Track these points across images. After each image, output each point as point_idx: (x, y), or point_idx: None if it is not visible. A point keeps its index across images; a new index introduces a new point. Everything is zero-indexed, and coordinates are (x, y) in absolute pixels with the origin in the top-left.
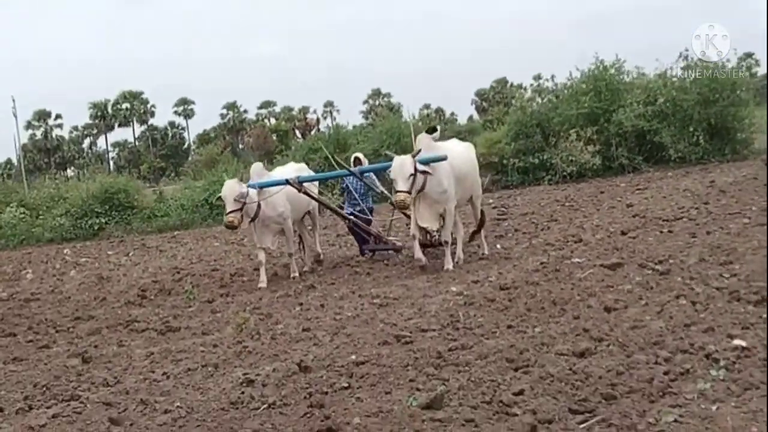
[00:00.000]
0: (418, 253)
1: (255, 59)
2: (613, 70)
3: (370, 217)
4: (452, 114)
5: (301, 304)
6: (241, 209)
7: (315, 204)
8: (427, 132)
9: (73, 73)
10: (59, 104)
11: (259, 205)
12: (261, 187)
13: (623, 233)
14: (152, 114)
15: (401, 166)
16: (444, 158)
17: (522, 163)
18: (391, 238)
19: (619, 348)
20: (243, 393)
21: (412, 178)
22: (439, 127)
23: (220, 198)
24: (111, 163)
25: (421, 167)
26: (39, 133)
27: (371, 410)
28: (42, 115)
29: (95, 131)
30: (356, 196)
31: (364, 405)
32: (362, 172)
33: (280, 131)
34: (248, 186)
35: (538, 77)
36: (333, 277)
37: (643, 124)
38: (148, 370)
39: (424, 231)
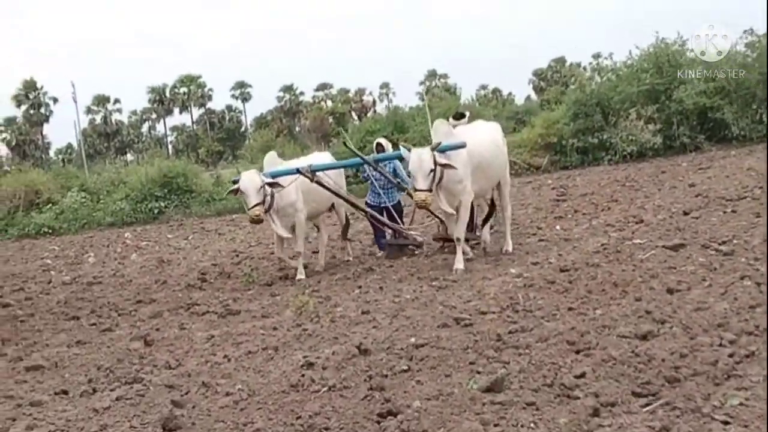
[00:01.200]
0: (461, 258)
1: (312, 41)
2: (675, 48)
3: (392, 208)
4: (510, 94)
5: (359, 286)
6: (263, 202)
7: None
8: (454, 117)
9: (131, 58)
10: (118, 89)
11: (272, 195)
12: (273, 176)
13: (685, 213)
14: (209, 98)
15: (420, 161)
16: (463, 145)
17: (581, 143)
18: (411, 232)
19: (683, 330)
20: (303, 376)
21: (432, 174)
22: (467, 114)
23: (234, 192)
24: (169, 147)
25: (442, 160)
26: (98, 118)
27: (431, 393)
28: (101, 100)
29: (154, 115)
30: (377, 186)
31: (424, 388)
32: (376, 160)
33: (336, 113)
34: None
35: (597, 56)
36: (391, 260)
37: (705, 101)
38: (209, 353)
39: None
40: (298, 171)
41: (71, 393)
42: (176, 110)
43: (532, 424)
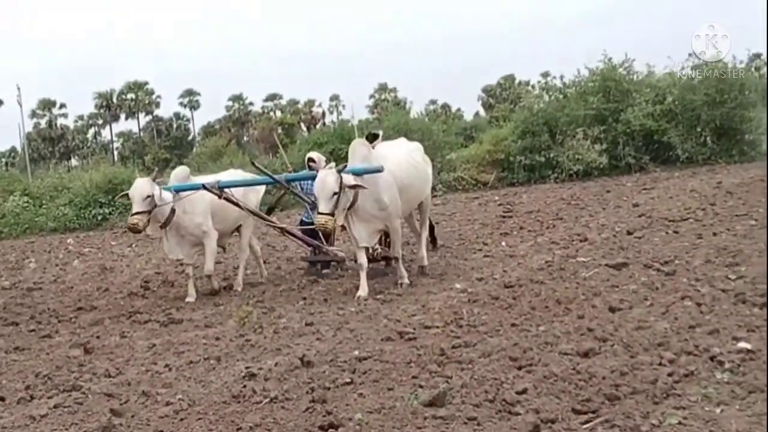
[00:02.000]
0: (364, 287)
1: (262, 51)
2: (622, 69)
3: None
4: (458, 110)
5: (304, 298)
6: (149, 212)
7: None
8: (366, 138)
9: (78, 62)
10: (64, 93)
11: (173, 211)
12: (177, 191)
13: (629, 233)
14: (157, 105)
15: (323, 183)
16: (380, 170)
17: (528, 160)
18: (332, 248)
19: (624, 348)
20: (245, 387)
21: (335, 197)
22: (381, 133)
23: (127, 196)
24: (115, 153)
25: (351, 181)
26: (43, 122)
27: (374, 406)
28: (47, 104)
29: (100, 121)
30: (306, 203)
31: (367, 401)
32: (288, 180)
33: (285, 124)
34: (164, 189)
35: (546, 74)
36: (337, 272)
37: (651, 124)
38: (150, 362)
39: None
40: (203, 186)
41: (8, 400)
42: (123, 116)
43: None
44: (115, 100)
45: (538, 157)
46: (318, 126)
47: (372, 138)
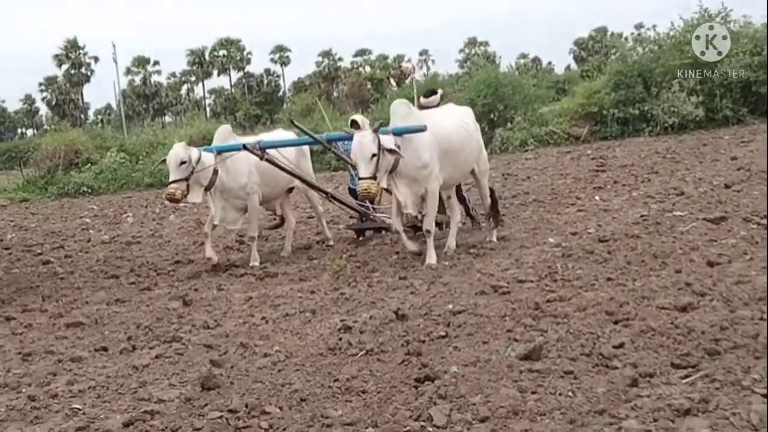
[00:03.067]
0: (410, 245)
1: (352, 7)
2: (718, 19)
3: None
4: (549, 63)
5: (396, 252)
6: (187, 179)
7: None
8: (424, 96)
9: (170, 20)
10: (158, 51)
11: (215, 172)
12: (219, 151)
13: (727, 186)
14: (248, 61)
15: (360, 144)
16: (422, 129)
17: (622, 113)
18: (379, 214)
19: (723, 303)
20: (341, 339)
21: (375, 159)
22: (440, 91)
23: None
24: (207, 109)
25: (389, 144)
26: (138, 80)
27: (469, 359)
28: (141, 62)
29: (193, 78)
30: (348, 163)
31: (462, 354)
32: (329, 140)
33: (374, 80)
34: (204, 150)
35: (639, 26)
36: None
37: (749, 75)
38: (247, 314)
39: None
40: (244, 147)
41: (111, 350)
42: (215, 73)
43: (570, 393)
44: (207, 56)
45: (632, 110)
46: (408, 81)
47: (430, 94)
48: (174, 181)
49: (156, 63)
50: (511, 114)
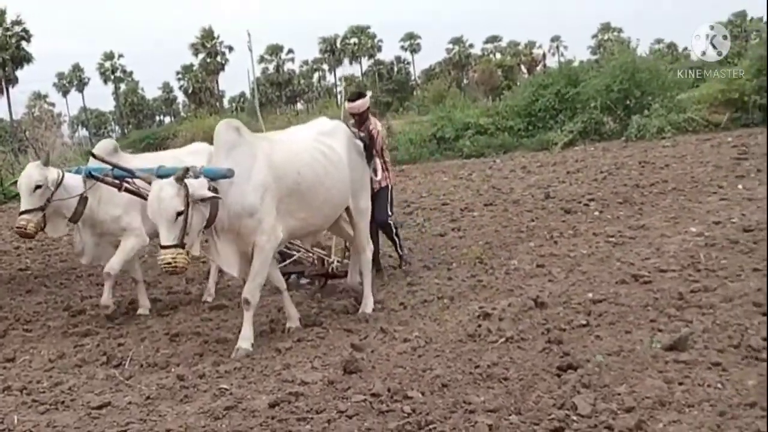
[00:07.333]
0: (293, 310)
1: None
2: None
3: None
4: (685, 48)
5: (531, 240)
6: (43, 208)
7: None
8: (349, 100)
9: (303, 7)
10: (291, 39)
11: (84, 200)
12: (88, 175)
13: None
14: (379, 49)
15: (159, 201)
16: (227, 175)
17: (764, 100)
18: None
19: None
20: (480, 326)
21: (180, 218)
22: (369, 93)
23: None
24: (339, 97)
25: (201, 190)
26: (271, 67)
27: (612, 349)
28: (275, 50)
29: (324, 66)
30: None
31: (604, 343)
32: (160, 175)
33: (505, 66)
34: (71, 172)
35: None
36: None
37: None
38: (385, 300)
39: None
40: (90, 175)
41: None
42: (346, 60)
43: (719, 385)
44: (338, 44)
45: None
46: (539, 68)
47: (356, 97)
48: (25, 212)
49: (290, 51)
50: (648, 100)
